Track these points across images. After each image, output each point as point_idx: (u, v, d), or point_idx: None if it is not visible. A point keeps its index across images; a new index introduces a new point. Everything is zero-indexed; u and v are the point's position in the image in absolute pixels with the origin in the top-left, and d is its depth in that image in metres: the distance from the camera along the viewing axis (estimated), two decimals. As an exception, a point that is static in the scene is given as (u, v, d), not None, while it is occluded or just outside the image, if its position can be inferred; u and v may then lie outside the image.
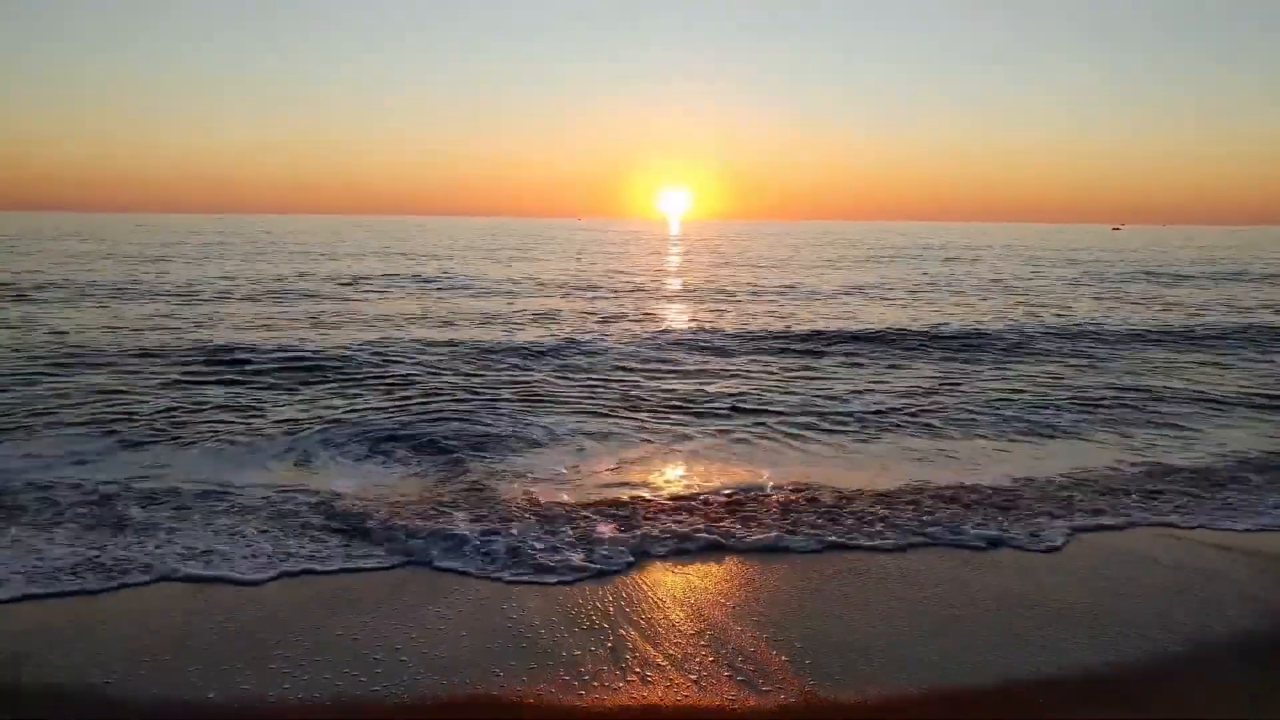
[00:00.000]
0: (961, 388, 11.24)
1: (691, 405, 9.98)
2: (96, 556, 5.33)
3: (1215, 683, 4.18)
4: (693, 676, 4.14)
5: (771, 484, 7.02)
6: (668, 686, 4.06)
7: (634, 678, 4.13)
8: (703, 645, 4.46)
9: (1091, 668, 4.28)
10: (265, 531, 5.80)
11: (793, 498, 6.68)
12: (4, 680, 4.06)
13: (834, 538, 5.89)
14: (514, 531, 5.83)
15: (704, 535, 5.87)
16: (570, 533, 5.86)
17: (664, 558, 5.58)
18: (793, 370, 12.36)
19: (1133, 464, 7.79)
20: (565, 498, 6.62)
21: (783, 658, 4.32)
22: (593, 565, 5.38)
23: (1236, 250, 57.62)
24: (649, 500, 6.58)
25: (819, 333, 15.71)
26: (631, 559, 5.51)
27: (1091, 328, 16.99)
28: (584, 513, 6.26)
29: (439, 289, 23.57)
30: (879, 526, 6.10)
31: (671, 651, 4.40)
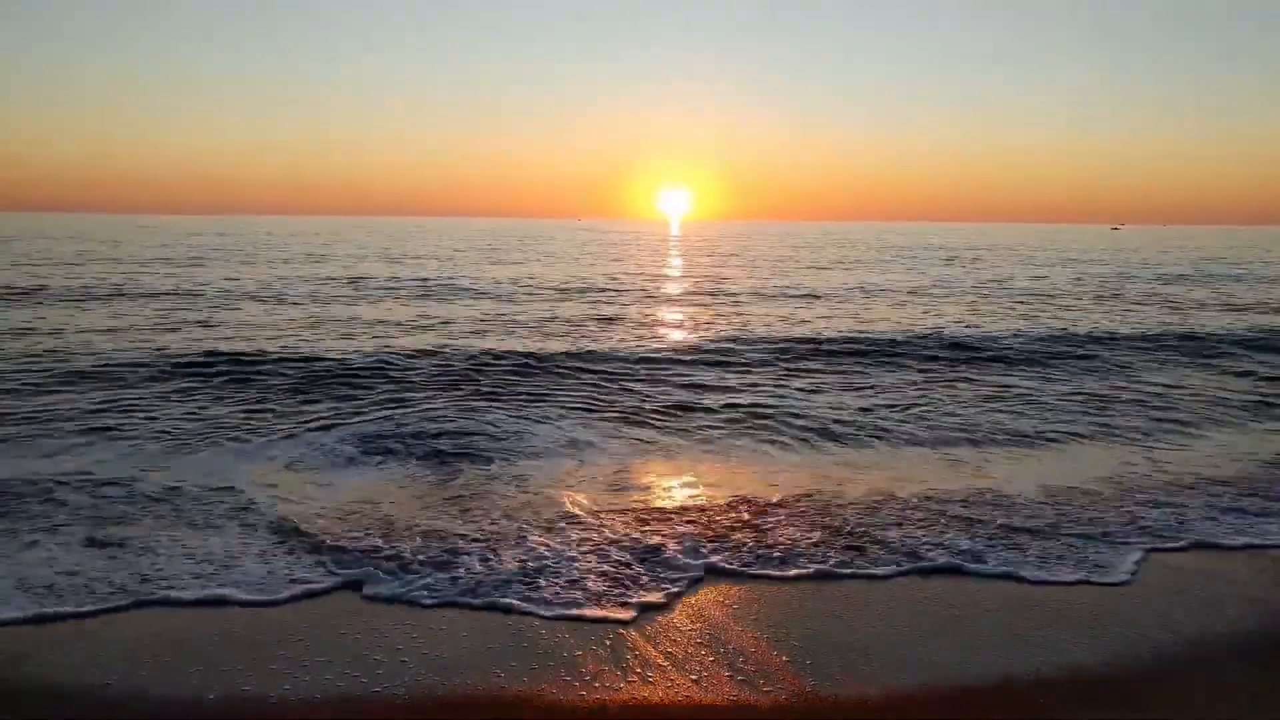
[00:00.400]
0: (964, 392, 11.24)
1: (693, 408, 9.99)
2: (85, 580, 5.06)
3: (1215, 683, 4.18)
4: (693, 676, 4.15)
5: (781, 495, 6.71)
6: (668, 687, 4.06)
7: (634, 678, 4.13)
8: (702, 645, 4.46)
9: (1091, 668, 4.28)
10: (264, 551, 5.55)
11: (806, 511, 6.35)
12: (4, 680, 4.07)
13: (901, 567, 5.44)
14: (510, 555, 5.48)
15: (719, 564, 5.43)
16: (566, 553, 5.53)
17: (670, 583, 5.14)
18: (795, 374, 12.36)
19: (1153, 473, 7.49)
20: (562, 509, 6.36)
21: (783, 658, 4.32)
22: (590, 604, 4.89)
23: (1236, 250, 57.59)
24: (652, 514, 6.26)
25: (820, 336, 15.71)
26: (634, 587, 5.10)
27: (1093, 331, 16.99)
28: (583, 527, 5.99)
29: (439, 290, 23.56)
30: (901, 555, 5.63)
31: (671, 651, 4.40)
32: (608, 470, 7.45)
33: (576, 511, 6.34)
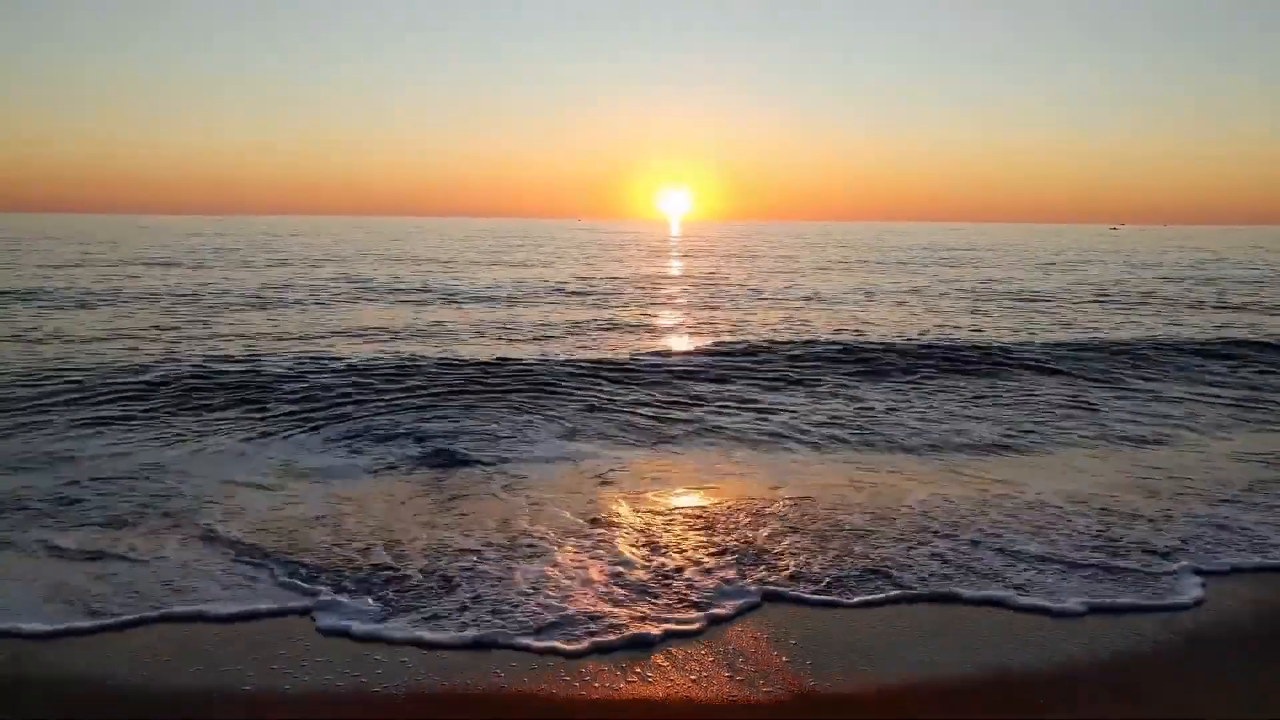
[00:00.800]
0: (964, 397, 11.23)
1: (694, 411, 9.98)
2: (87, 592, 5.03)
3: (1215, 682, 4.18)
4: (692, 676, 4.15)
5: (791, 507, 6.39)
6: (668, 686, 4.07)
7: (634, 678, 4.14)
8: (703, 645, 4.46)
9: (1091, 667, 4.29)
10: (257, 560, 5.47)
11: (819, 525, 6.02)
12: (4, 678, 4.08)
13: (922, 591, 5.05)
14: (509, 573, 5.16)
15: (731, 587, 5.03)
16: (570, 572, 5.20)
17: (676, 609, 4.76)
18: (796, 377, 12.32)
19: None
20: (563, 519, 6.10)
21: (783, 658, 4.33)
22: (604, 632, 4.51)
23: (1236, 251, 57.54)
24: (656, 527, 5.96)
25: (821, 338, 15.69)
26: (643, 615, 4.68)
27: (1091, 334, 16.99)
28: (586, 541, 5.74)
29: (439, 292, 23.54)
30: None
31: (672, 651, 4.40)
32: (609, 477, 7.33)
33: (579, 523, 6.09)
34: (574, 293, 23.89)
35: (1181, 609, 4.91)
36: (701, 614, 4.73)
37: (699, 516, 6.28)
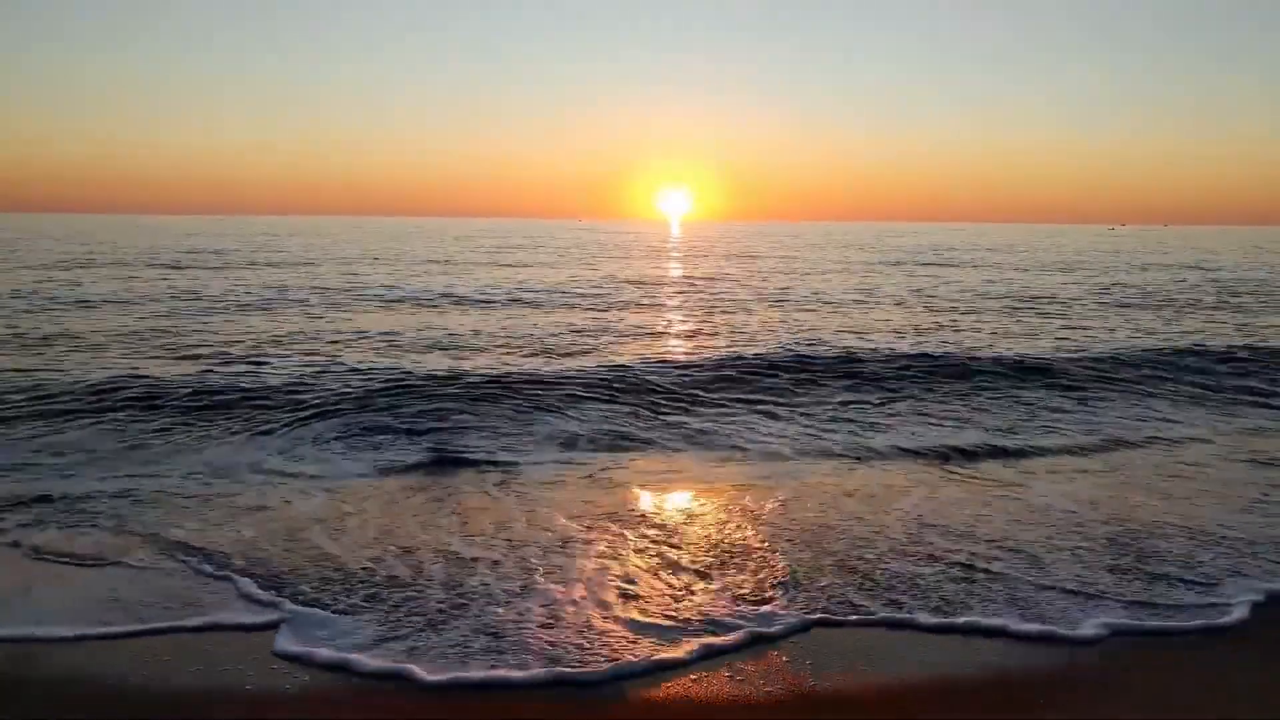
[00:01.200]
0: (963, 403, 11.22)
1: (695, 418, 9.97)
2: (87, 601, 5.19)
3: (1216, 681, 4.19)
4: (693, 676, 4.15)
5: (799, 519, 6.11)
6: (668, 686, 4.07)
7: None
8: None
9: (1091, 667, 4.29)
10: (245, 567, 5.58)
11: (832, 543, 5.87)
12: (4, 678, 4.08)
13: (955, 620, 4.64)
14: (513, 592, 4.89)
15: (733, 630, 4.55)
16: (574, 588, 4.95)
17: (681, 637, 4.44)
18: (794, 382, 12.22)
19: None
20: (563, 533, 5.89)
21: (783, 658, 4.33)
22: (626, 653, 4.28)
23: (1236, 252, 57.50)
24: (658, 540, 5.73)
25: (822, 342, 15.67)
26: (651, 640, 4.42)
27: (1089, 340, 16.99)
28: (593, 556, 5.72)
29: (438, 293, 23.53)
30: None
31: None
32: (610, 480, 7.28)
33: (580, 529, 5.96)
34: (574, 294, 23.87)
35: (1223, 631, 4.66)
36: (706, 638, 4.45)
37: (699, 523, 6.22)
